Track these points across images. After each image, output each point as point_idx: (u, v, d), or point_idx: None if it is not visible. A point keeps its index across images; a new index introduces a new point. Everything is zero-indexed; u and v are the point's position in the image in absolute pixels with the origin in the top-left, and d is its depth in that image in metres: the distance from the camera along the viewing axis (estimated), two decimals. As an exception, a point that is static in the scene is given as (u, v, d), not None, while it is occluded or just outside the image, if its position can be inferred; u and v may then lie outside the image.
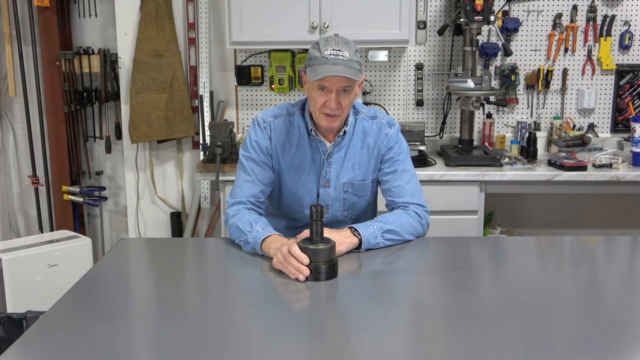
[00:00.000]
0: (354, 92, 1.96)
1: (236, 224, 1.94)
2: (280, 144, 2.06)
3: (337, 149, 2.07)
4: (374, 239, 1.90)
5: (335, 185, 2.09)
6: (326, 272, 1.68)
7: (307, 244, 1.69)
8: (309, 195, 2.09)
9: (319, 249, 1.68)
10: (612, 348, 1.34)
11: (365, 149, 2.09)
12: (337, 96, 1.91)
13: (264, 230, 1.88)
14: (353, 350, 1.37)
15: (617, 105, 3.60)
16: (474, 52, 3.29)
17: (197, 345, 1.33)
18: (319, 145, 2.06)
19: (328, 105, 1.92)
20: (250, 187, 2.03)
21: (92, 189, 3.69)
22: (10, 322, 2.13)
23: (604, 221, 3.73)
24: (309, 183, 2.08)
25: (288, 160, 2.07)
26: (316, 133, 2.04)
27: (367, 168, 2.10)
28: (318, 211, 1.67)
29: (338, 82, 1.88)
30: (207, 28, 3.51)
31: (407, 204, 2.04)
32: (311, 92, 1.95)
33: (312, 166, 2.07)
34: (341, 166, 2.08)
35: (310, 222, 1.69)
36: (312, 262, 1.68)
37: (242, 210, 1.99)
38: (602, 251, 2.12)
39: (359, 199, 2.12)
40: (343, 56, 1.87)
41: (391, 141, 2.09)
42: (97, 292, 1.64)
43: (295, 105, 2.10)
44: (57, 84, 3.55)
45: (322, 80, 1.89)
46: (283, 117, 2.07)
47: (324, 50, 1.88)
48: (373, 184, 2.14)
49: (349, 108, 1.98)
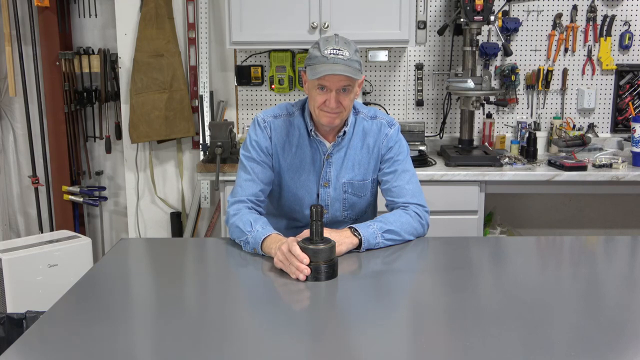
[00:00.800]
0: (354, 92, 1.96)
1: (236, 224, 1.95)
2: (281, 144, 2.06)
3: (337, 149, 2.07)
4: (374, 239, 1.90)
5: (335, 186, 2.09)
6: (326, 272, 1.68)
7: (307, 244, 1.69)
8: (308, 195, 2.09)
9: (319, 249, 1.68)
10: (612, 348, 1.34)
11: (365, 149, 2.09)
12: (337, 95, 1.91)
13: (264, 230, 1.88)
14: (353, 350, 1.37)
15: (617, 105, 3.60)
16: (474, 52, 3.29)
17: (197, 345, 1.33)
18: (319, 145, 2.06)
19: (328, 104, 1.92)
20: (250, 186, 2.03)
21: (92, 189, 3.69)
22: (10, 322, 2.13)
23: (604, 221, 3.73)
24: (308, 183, 2.08)
25: (288, 160, 2.07)
26: (316, 133, 2.04)
27: (367, 168, 2.10)
28: (318, 211, 1.67)
29: (338, 81, 1.89)
30: (207, 28, 3.51)
31: (407, 204, 2.04)
32: (311, 92, 1.96)
33: (312, 166, 2.07)
34: (341, 166, 2.08)
35: (310, 222, 1.69)
36: (312, 262, 1.68)
37: (243, 209, 1.99)
38: (602, 251, 2.12)
39: (358, 199, 2.12)
40: (343, 55, 1.87)
41: (391, 141, 2.09)
42: (97, 292, 1.64)
43: (295, 106, 2.10)
44: (57, 84, 3.55)
45: (322, 80, 1.89)
46: (283, 117, 2.07)
47: (323, 50, 1.88)
48: (373, 184, 2.14)
49: (350, 107, 1.98)
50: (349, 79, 1.89)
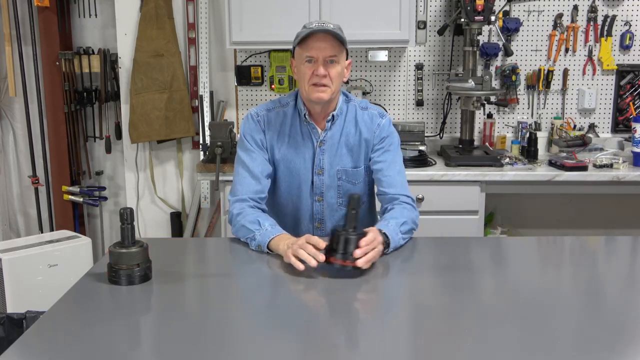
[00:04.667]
0: (341, 66, 2.00)
1: (242, 223, 1.95)
2: (275, 136, 2.09)
3: (330, 134, 2.09)
4: (396, 236, 1.90)
5: (329, 173, 2.11)
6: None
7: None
8: (304, 183, 2.11)
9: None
10: (612, 348, 1.34)
11: (357, 136, 2.11)
12: (324, 65, 1.95)
13: (273, 229, 1.90)
14: (353, 350, 1.37)
15: (617, 105, 3.59)
16: (474, 52, 3.29)
17: (197, 345, 1.32)
18: (312, 132, 2.08)
19: (316, 72, 1.95)
20: (250, 184, 2.04)
21: (92, 189, 3.69)
22: (10, 322, 2.12)
23: (604, 221, 3.72)
24: (303, 171, 2.10)
25: (283, 150, 2.09)
26: (309, 118, 2.06)
27: (359, 155, 2.12)
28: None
29: (324, 49, 1.94)
30: (207, 28, 3.51)
31: (398, 195, 2.06)
32: (300, 69, 2.01)
33: (305, 154, 2.09)
34: (334, 153, 2.10)
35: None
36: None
37: (246, 208, 2.00)
38: (603, 252, 2.12)
39: (353, 187, 2.14)
40: (327, 26, 1.95)
41: (383, 131, 2.11)
42: (97, 292, 1.64)
43: (289, 96, 2.14)
44: (57, 84, 3.55)
45: (309, 49, 1.95)
46: (276, 109, 2.11)
47: (309, 25, 1.98)
48: (366, 171, 2.15)
49: (337, 81, 2.00)
50: (335, 48, 1.95)
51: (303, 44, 1.97)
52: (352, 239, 1.68)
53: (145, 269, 1.68)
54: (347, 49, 2.02)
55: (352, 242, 1.68)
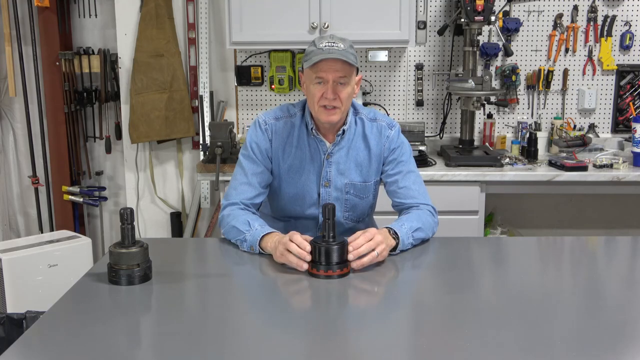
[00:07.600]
0: (351, 86, 1.96)
1: (232, 224, 1.95)
2: (281, 147, 2.06)
3: (338, 148, 2.06)
4: (407, 239, 1.89)
5: (336, 186, 2.08)
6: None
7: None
8: (309, 196, 2.09)
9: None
10: (612, 348, 1.34)
11: (366, 151, 2.08)
12: (334, 87, 1.92)
13: (263, 228, 1.89)
14: (353, 350, 1.37)
15: (617, 105, 3.59)
16: (474, 52, 3.29)
17: (197, 345, 1.32)
18: (319, 145, 2.06)
19: (325, 95, 1.92)
20: (245, 190, 2.03)
21: (92, 189, 3.69)
22: (10, 322, 2.12)
23: (604, 221, 3.72)
24: (309, 183, 2.08)
25: (288, 161, 2.07)
26: (316, 132, 2.04)
27: (369, 170, 2.09)
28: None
29: (334, 72, 1.90)
30: (207, 28, 3.51)
31: (417, 205, 2.04)
32: (309, 88, 1.97)
33: (312, 166, 2.07)
34: (342, 167, 2.07)
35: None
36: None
37: (236, 210, 2.00)
38: (603, 252, 2.12)
39: (360, 201, 2.12)
40: (338, 47, 1.90)
41: (393, 143, 2.08)
42: (97, 292, 1.64)
43: (297, 106, 2.10)
44: (57, 84, 3.55)
45: (318, 71, 1.90)
46: (284, 118, 2.07)
47: (319, 44, 1.91)
48: (375, 186, 2.13)
49: (348, 102, 1.98)
50: (345, 69, 1.90)
51: (313, 65, 1.92)
52: (334, 248, 1.68)
53: (145, 269, 1.68)
54: (357, 67, 1.97)
55: (333, 252, 1.68)
